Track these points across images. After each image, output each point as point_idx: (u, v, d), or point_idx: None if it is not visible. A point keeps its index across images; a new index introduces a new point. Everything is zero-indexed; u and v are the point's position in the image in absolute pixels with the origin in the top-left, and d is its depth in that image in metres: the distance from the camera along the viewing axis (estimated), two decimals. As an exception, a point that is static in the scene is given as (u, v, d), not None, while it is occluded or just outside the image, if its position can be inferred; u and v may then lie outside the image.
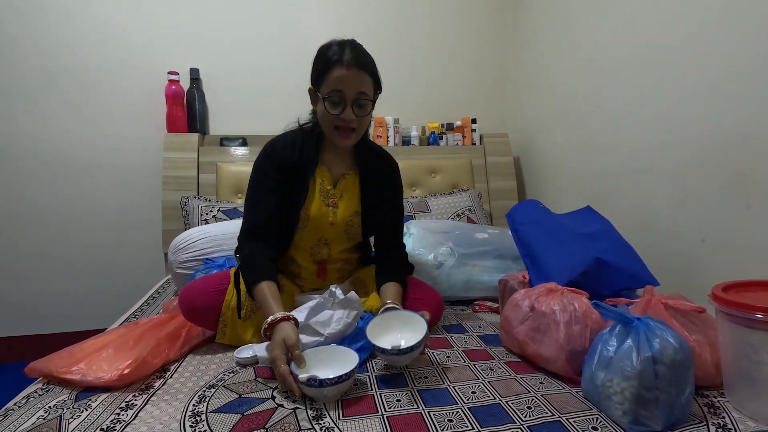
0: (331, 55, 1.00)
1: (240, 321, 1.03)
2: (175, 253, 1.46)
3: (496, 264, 1.44)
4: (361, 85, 1.01)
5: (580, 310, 0.88)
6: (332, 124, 1.04)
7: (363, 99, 1.02)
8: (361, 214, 1.15)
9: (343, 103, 1.01)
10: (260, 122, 2.12)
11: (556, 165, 2.03)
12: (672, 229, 1.37)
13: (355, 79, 1.00)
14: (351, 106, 1.01)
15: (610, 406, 0.72)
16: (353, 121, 1.03)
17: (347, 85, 1.00)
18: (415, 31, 2.29)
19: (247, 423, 0.71)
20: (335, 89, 1.00)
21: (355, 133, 1.06)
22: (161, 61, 2.02)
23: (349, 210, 1.14)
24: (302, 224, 1.11)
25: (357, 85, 1.00)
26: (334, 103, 1.01)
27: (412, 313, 0.94)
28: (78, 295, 2.03)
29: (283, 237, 1.12)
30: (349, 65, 0.99)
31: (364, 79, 1.01)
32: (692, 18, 1.29)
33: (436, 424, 0.71)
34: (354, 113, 1.02)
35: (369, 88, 1.04)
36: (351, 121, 1.03)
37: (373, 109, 1.08)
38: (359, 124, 1.05)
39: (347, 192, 1.15)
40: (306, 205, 1.10)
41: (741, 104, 1.16)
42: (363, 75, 1.01)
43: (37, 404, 0.79)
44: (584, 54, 1.78)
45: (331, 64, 0.99)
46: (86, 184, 2.01)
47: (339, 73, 0.99)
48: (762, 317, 0.69)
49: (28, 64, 1.91)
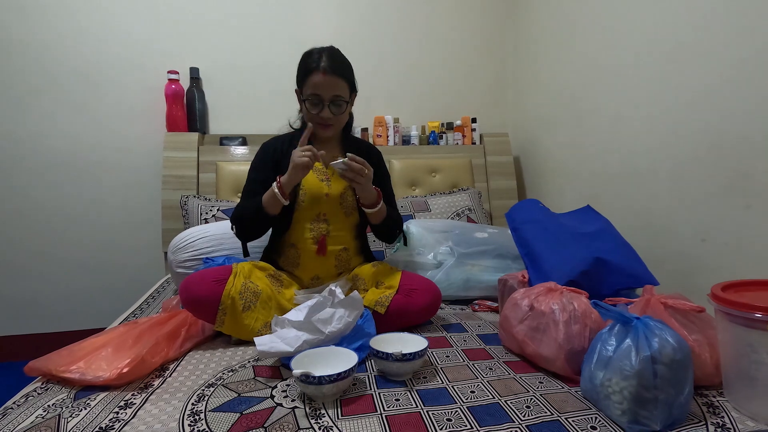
0: (311, 62, 1.16)
1: (240, 311, 1.04)
2: (175, 253, 1.46)
3: (496, 263, 1.43)
4: (336, 89, 1.16)
5: (580, 309, 0.88)
6: (313, 120, 1.20)
7: (338, 100, 1.18)
8: (353, 190, 1.23)
9: (321, 104, 1.17)
10: (260, 121, 2.12)
11: (556, 164, 2.03)
12: (671, 229, 1.37)
13: (331, 84, 1.15)
14: (328, 106, 1.17)
15: (609, 405, 0.72)
16: (331, 119, 1.18)
17: (324, 89, 1.15)
18: (415, 30, 2.28)
19: (246, 422, 0.71)
20: (314, 93, 1.16)
21: (332, 128, 1.22)
22: (161, 60, 2.02)
23: (342, 183, 1.24)
24: (301, 198, 1.20)
25: (332, 89, 1.16)
26: (313, 103, 1.17)
27: (411, 335, 0.95)
28: (77, 294, 2.03)
29: (283, 220, 1.20)
30: (325, 71, 1.14)
31: (339, 84, 1.17)
32: (692, 19, 1.29)
33: (435, 424, 0.71)
34: (331, 112, 1.18)
35: (344, 91, 1.19)
36: (329, 119, 1.18)
37: (349, 107, 1.24)
38: (336, 121, 1.20)
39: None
40: (302, 182, 1.21)
41: (741, 104, 1.15)
42: (338, 80, 1.16)
43: (36, 403, 0.78)
44: (585, 54, 1.78)
45: (310, 71, 1.15)
46: (86, 183, 2.01)
47: (317, 79, 1.15)
48: (761, 317, 0.69)
49: (28, 62, 1.91)
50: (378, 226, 1.27)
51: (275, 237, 1.27)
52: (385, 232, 1.31)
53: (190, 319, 1.07)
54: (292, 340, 0.90)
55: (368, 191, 1.16)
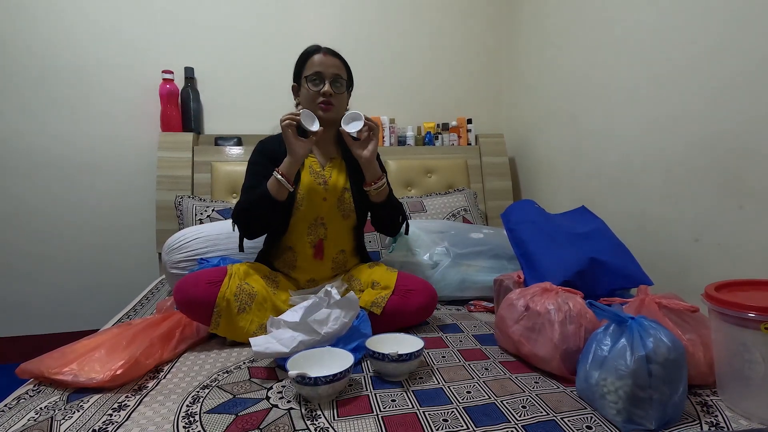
0: (310, 49, 1.22)
1: (235, 313, 1.03)
2: (169, 253, 1.45)
3: (492, 264, 1.44)
4: (336, 69, 1.20)
5: (575, 309, 0.88)
6: (314, 101, 1.19)
7: (339, 79, 1.21)
8: (351, 190, 1.25)
9: (322, 81, 1.19)
10: (255, 122, 2.11)
11: (551, 165, 2.04)
12: (665, 229, 1.38)
13: (332, 64, 1.20)
14: (329, 83, 1.19)
15: (605, 405, 0.72)
16: (332, 96, 1.19)
17: (325, 67, 1.19)
18: (411, 31, 2.29)
19: (242, 423, 0.71)
20: (316, 71, 1.19)
21: (333, 108, 1.21)
22: (156, 60, 2.01)
23: (339, 185, 1.24)
24: (298, 203, 1.19)
25: (333, 68, 1.20)
26: (314, 82, 1.19)
27: (407, 335, 0.96)
28: (71, 295, 2.01)
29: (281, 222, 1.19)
30: (325, 53, 1.21)
31: (339, 65, 1.22)
32: (686, 21, 1.30)
33: (431, 424, 0.71)
34: (332, 89, 1.19)
35: (343, 73, 1.23)
36: (330, 95, 1.19)
37: (348, 93, 1.26)
38: (337, 101, 1.21)
39: (335, 171, 1.27)
40: (300, 186, 1.21)
41: (734, 106, 1.16)
42: (338, 61, 1.22)
43: (28, 405, 0.78)
44: (579, 56, 1.79)
45: (311, 53, 1.21)
46: (80, 184, 1.99)
47: (318, 58, 1.20)
48: (755, 316, 0.69)
49: (20, 62, 1.89)
50: (381, 209, 1.24)
51: (271, 240, 1.25)
52: (387, 216, 1.27)
53: (184, 320, 1.06)
54: (288, 341, 0.89)
55: (374, 165, 1.18)
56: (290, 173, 1.11)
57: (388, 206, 1.25)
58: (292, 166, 1.11)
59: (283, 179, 1.10)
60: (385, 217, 1.28)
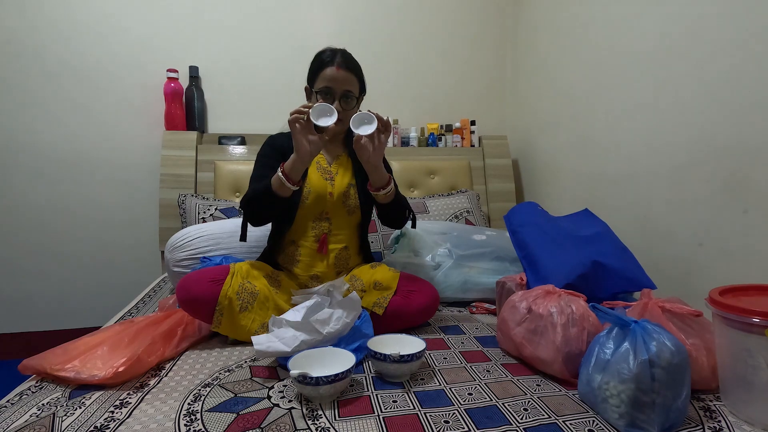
0: (325, 58, 1.18)
1: (237, 312, 1.03)
2: (172, 252, 1.45)
3: (494, 266, 1.43)
4: (348, 84, 1.17)
5: (578, 312, 0.88)
6: None
7: (349, 95, 1.18)
8: (356, 186, 1.25)
9: (332, 97, 1.17)
10: (259, 121, 2.11)
11: (554, 168, 2.03)
12: (669, 233, 1.38)
13: (344, 79, 1.17)
14: (338, 100, 1.17)
15: (607, 408, 0.72)
16: (340, 113, 1.15)
17: (336, 83, 1.16)
18: (415, 32, 2.29)
19: (243, 422, 0.71)
20: (326, 86, 1.16)
21: (340, 123, 1.17)
22: (160, 58, 2.01)
23: (345, 182, 1.25)
24: (305, 196, 1.20)
25: (344, 84, 1.17)
26: (324, 96, 1.17)
27: (409, 336, 0.95)
28: (73, 292, 2.02)
29: (286, 217, 1.20)
30: (339, 66, 1.16)
31: (351, 79, 1.18)
32: (690, 22, 1.29)
33: (432, 426, 0.70)
34: (341, 106, 1.17)
35: (355, 87, 1.20)
36: (338, 113, 1.14)
37: (358, 105, 1.24)
38: (345, 116, 1.18)
39: (342, 168, 1.28)
40: (307, 180, 1.21)
41: (738, 108, 1.16)
42: (350, 76, 1.18)
43: (31, 401, 0.78)
44: (583, 57, 1.79)
45: (324, 65, 1.17)
46: (83, 181, 2.00)
47: (330, 72, 1.16)
48: (759, 321, 0.69)
49: (26, 60, 1.90)
50: (388, 207, 1.23)
51: (276, 235, 1.26)
52: (393, 212, 1.25)
53: (186, 318, 1.06)
54: (290, 340, 0.89)
55: (380, 170, 1.13)
56: (294, 172, 1.07)
57: (396, 205, 1.24)
58: (296, 164, 1.06)
59: (284, 178, 1.06)
60: (390, 213, 1.27)
